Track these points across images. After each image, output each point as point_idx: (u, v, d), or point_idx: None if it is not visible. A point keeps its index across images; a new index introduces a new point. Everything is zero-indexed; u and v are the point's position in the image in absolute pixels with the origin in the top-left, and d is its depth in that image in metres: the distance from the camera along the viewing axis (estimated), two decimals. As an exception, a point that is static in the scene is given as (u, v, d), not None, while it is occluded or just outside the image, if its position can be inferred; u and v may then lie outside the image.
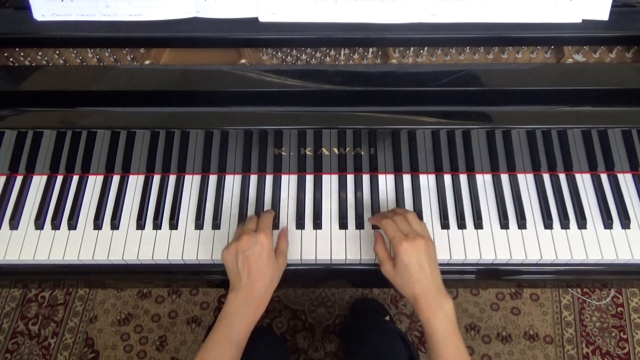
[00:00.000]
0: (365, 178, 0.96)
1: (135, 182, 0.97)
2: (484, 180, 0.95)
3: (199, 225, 0.92)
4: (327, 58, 0.89)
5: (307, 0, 0.80)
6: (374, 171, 0.96)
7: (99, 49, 0.89)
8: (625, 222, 0.90)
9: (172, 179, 0.97)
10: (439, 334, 0.73)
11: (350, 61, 0.89)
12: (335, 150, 0.90)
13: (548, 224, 0.90)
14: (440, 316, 0.74)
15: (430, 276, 0.75)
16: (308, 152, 0.90)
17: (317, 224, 0.92)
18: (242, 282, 0.76)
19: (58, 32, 0.83)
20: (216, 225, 0.92)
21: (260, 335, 1.18)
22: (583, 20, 0.82)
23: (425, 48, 0.88)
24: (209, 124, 0.83)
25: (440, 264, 0.90)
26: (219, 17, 0.82)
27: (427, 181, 0.95)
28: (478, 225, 0.91)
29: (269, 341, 1.12)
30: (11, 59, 0.88)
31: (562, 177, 0.96)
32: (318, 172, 0.96)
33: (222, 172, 0.96)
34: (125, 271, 0.93)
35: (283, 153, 0.91)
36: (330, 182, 0.96)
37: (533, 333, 1.58)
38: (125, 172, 0.97)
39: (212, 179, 0.96)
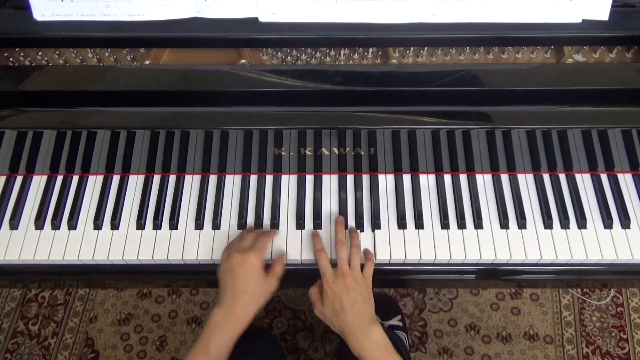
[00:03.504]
0: (365, 178, 0.96)
1: (135, 182, 0.97)
2: (484, 180, 0.95)
3: (199, 225, 0.92)
4: (327, 58, 0.89)
5: (307, 0, 0.80)
6: (374, 171, 0.96)
7: (99, 49, 0.89)
8: (625, 222, 0.90)
9: (172, 179, 0.97)
10: None
11: (350, 61, 0.89)
12: (335, 150, 0.90)
13: (548, 224, 0.90)
14: (369, 345, 0.76)
15: (355, 310, 0.78)
16: (308, 152, 0.90)
17: (317, 224, 0.92)
18: (226, 296, 0.78)
19: (58, 32, 0.83)
20: (216, 225, 0.92)
21: (257, 335, 1.18)
22: (583, 20, 0.82)
23: (425, 48, 0.88)
24: (209, 124, 0.83)
25: (440, 264, 0.90)
26: (219, 17, 0.82)
27: (427, 181, 0.95)
28: (478, 225, 0.91)
29: (265, 341, 1.12)
30: (11, 59, 0.88)
31: (562, 177, 0.96)
32: (318, 172, 0.96)
33: (222, 172, 0.96)
34: (125, 271, 0.93)
35: (283, 153, 0.91)
36: (330, 182, 0.96)
37: (533, 333, 1.58)
38: (125, 172, 0.97)
39: (212, 179, 0.96)
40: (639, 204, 0.93)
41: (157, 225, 0.92)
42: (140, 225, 0.92)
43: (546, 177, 0.95)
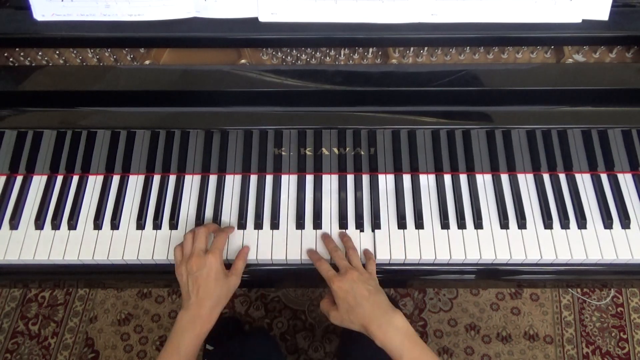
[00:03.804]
0: (365, 178, 0.96)
1: (135, 182, 0.97)
2: (484, 180, 0.95)
3: (199, 225, 0.92)
4: (327, 58, 0.89)
5: (307, 0, 0.80)
6: (374, 171, 0.96)
7: (99, 49, 0.89)
8: (625, 222, 0.90)
9: (172, 179, 0.97)
10: (397, 350, 0.74)
11: (350, 61, 0.89)
12: (335, 150, 0.90)
13: (548, 224, 0.90)
14: (392, 333, 0.75)
15: (370, 300, 0.77)
16: (308, 152, 0.90)
17: (317, 224, 0.92)
18: (191, 301, 0.79)
19: (58, 32, 0.83)
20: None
21: (256, 335, 1.19)
22: (583, 20, 0.82)
23: (425, 48, 0.88)
24: (209, 124, 0.83)
25: (440, 264, 0.90)
26: (219, 17, 0.82)
27: (427, 181, 0.95)
28: (478, 225, 0.91)
29: (264, 341, 1.12)
30: (11, 59, 0.88)
31: (562, 177, 0.96)
32: (318, 172, 0.96)
33: (222, 172, 0.96)
34: (125, 271, 0.93)
35: (283, 153, 0.91)
36: (330, 182, 0.96)
37: (533, 333, 1.58)
38: (125, 172, 0.97)
39: (212, 179, 0.96)
40: (639, 204, 0.93)
41: (157, 225, 0.92)
42: (140, 225, 0.92)
43: (546, 177, 0.95)
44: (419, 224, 0.91)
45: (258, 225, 0.91)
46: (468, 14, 0.81)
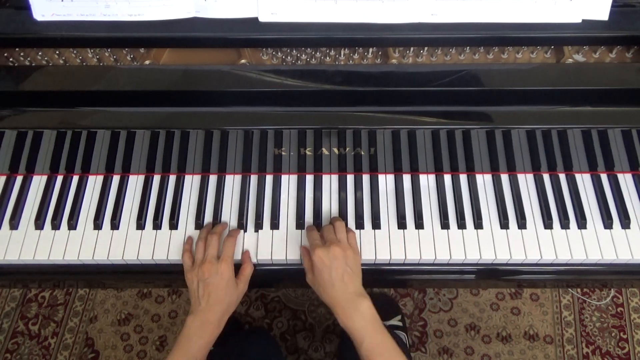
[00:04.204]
0: (365, 178, 0.96)
1: (135, 182, 0.97)
2: (484, 180, 0.95)
3: (199, 225, 0.92)
4: (327, 58, 0.89)
5: (307, 0, 0.80)
6: (374, 171, 0.95)
7: (99, 49, 0.89)
8: (625, 222, 0.90)
9: (172, 179, 0.97)
10: (359, 333, 0.75)
11: (350, 61, 0.89)
12: (335, 150, 0.90)
13: (548, 224, 0.90)
14: (356, 317, 0.76)
15: (344, 281, 0.78)
16: (308, 152, 0.90)
17: (317, 224, 0.91)
18: (201, 307, 0.80)
19: (58, 32, 0.83)
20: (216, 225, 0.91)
21: (256, 335, 1.19)
22: (583, 20, 0.82)
23: (425, 48, 0.88)
24: (209, 124, 0.83)
25: (440, 264, 0.90)
26: (219, 17, 0.82)
27: (427, 181, 0.95)
28: (478, 225, 0.91)
29: (264, 341, 1.12)
30: (11, 59, 0.88)
31: (562, 177, 0.96)
32: (318, 172, 0.96)
33: (222, 172, 0.96)
34: (125, 271, 0.93)
35: (283, 153, 0.91)
36: (330, 182, 0.96)
37: (533, 333, 1.58)
38: (125, 172, 0.97)
39: (212, 179, 0.96)
40: (639, 204, 0.93)
41: (157, 225, 0.92)
42: (140, 225, 0.92)
43: (546, 177, 0.95)
44: (419, 224, 0.91)
45: (258, 225, 0.91)
46: (468, 14, 0.81)
